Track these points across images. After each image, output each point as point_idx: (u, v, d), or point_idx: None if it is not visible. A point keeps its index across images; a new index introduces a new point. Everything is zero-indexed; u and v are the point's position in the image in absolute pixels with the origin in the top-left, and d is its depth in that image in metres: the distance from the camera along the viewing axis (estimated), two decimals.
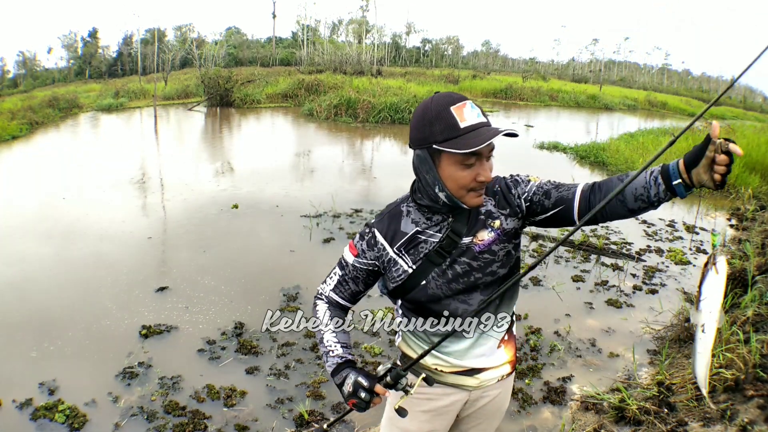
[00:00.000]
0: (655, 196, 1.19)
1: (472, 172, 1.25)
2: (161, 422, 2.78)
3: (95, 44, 47.34)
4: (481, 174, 1.25)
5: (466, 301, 1.38)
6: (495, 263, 1.36)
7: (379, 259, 1.39)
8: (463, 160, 1.24)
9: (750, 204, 7.81)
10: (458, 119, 1.22)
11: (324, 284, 1.52)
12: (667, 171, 1.17)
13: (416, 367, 1.47)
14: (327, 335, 1.43)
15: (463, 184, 1.26)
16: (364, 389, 1.26)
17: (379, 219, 1.41)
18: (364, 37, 47.10)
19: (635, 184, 1.20)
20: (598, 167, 10.70)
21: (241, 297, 4.26)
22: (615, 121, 21.50)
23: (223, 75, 20.30)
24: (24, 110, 15.66)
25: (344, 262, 1.45)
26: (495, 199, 1.38)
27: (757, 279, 3.99)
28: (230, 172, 9.05)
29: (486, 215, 1.36)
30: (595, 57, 61.46)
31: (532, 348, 3.64)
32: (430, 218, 1.36)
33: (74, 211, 6.52)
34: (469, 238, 1.35)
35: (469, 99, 1.27)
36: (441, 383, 1.46)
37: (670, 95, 40.76)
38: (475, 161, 1.25)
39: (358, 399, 1.26)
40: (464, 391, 1.48)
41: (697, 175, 1.11)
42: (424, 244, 1.35)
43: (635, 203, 1.22)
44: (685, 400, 2.81)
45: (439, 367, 1.44)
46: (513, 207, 1.37)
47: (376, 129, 14.77)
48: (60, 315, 3.90)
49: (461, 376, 1.44)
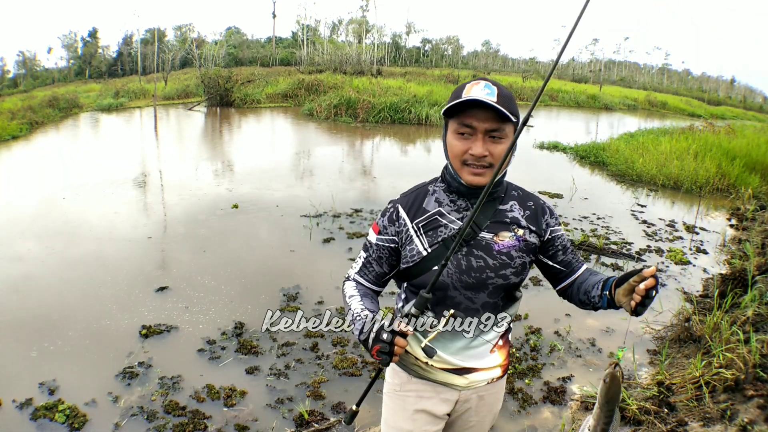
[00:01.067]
0: (594, 298, 1.35)
1: (464, 144, 1.32)
2: (161, 422, 2.78)
3: (95, 44, 47.35)
4: (473, 148, 1.30)
5: (471, 299, 1.38)
6: (510, 268, 1.38)
7: (398, 234, 1.41)
8: (457, 128, 1.32)
9: (750, 204, 7.81)
10: (465, 92, 1.29)
11: (351, 269, 1.53)
12: (606, 282, 1.31)
13: (407, 363, 1.49)
14: (354, 304, 1.40)
15: (456, 153, 1.33)
16: (386, 331, 1.22)
17: (404, 195, 1.46)
18: (364, 37, 47.10)
19: (590, 281, 1.39)
20: (598, 167, 10.70)
21: (241, 297, 4.26)
22: (615, 121, 21.50)
23: (223, 75, 20.31)
24: (24, 110, 15.66)
25: (368, 243, 1.47)
26: (526, 212, 1.43)
27: (757, 279, 3.99)
28: (230, 172, 9.05)
29: (512, 220, 1.41)
30: (595, 57, 61.49)
31: (532, 348, 3.64)
32: (455, 201, 1.39)
33: (74, 211, 6.51)
34: (490, 235, 1.38)
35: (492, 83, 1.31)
36: (431, 380, 1.47)
37: (670, 95, 40.79)
38: (468, 133, 1.31)
39: (381, 343, 1.21)
40: (454, 391, 1.48)
41: (617, 296, 1.23)
42: (443, 228, 1.37)
43: (583, 297, 1.40)
44: (685, 400, 2.81)
45: (431, 362, 1.44)
46: (539, 228, 1.43)
47: (376, 129, 14.76)
48: (60, 315, 3.90)
49: (451, 374, 1.45)
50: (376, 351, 1.23)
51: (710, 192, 8.73)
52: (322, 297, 4.27)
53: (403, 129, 15.02)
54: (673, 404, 2.80)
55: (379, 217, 1.47)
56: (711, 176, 8.91)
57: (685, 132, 12.94)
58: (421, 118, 15.97)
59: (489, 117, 1.28)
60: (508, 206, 1.42)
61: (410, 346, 1.47)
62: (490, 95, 1.27)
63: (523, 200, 1.44)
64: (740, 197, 8.22)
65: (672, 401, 2.82)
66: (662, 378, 3.06)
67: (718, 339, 3.26)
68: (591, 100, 27.89)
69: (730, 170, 9.06)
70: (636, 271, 1.18)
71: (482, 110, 1.28)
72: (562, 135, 14.44)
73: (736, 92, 65.55)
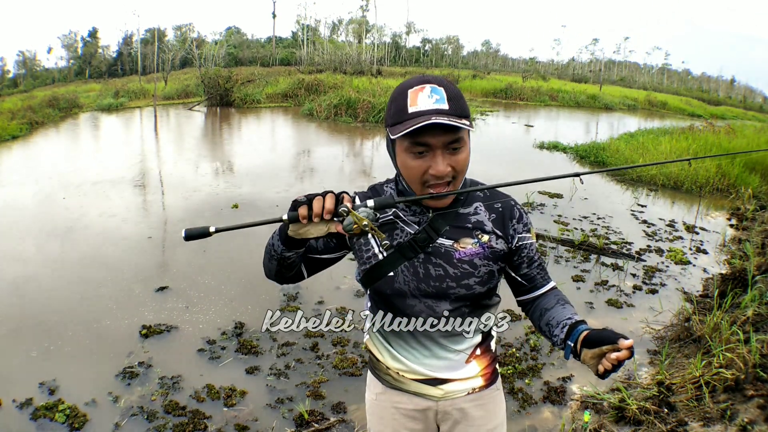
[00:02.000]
0: (556, 339, 1.22)
1: (423, 163, 1.16)
2: (161, 422, 2.78)
3: (95, 44, 47.36)
4: (433, 167, 1.15)
5: (432, 308, 1.29)
6: (473, 278, 1.27)
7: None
8: (410, 147, 1.15)
9: (750, 204, 7.81)
10: (409, 102, 1.14)
11: None
12: (573, 328, 1.17)
13: (380, 373, 1.44)
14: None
15: (414, 175, 1.18)
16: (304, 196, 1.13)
17: (362, 192, 1.37)
18: (364, 36, 47.11)
19: (555, 316, 1.24)
20: (598, 167, 10.70)
21: (241, 297, 4.26)
22: (615, 121, 21.50)
23: (223, 75, 20.30)
24: (24, 110, 15.65)
25: None
26: (492, 215, 1.30)
27: (757, 279, 3.99)
28: (230, 172, 9.05)
29: (475, 225, 1.28)
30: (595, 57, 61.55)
31: (532, 348, 3.64)
32: (410, 206, 1.28)
33: (74, 211, 6.51)
34: (450, 242, 1.26)
35: (437, 84, 1.15)
36: (404, 391, 1.41)
37: (670, 95, 40.78)
38: (424, 151, 1.15)
39: (294, 202, 1.14)
40: (430, 401, 1.40)
41: (584, 355, 1.11)
42: (399, 231, 1.27)
43: (545, 328, 1.27)
44: (685, 400, 2.81)
45: (401, 372, 1.38)
46: (506, 235, 1.30)
47: (376, 129, 14.76)
48: (60, 315, 3.90)
49: (423, 384, 1.37)
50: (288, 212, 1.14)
51: (710, 192, 8.73)
52: (322, 297, 4.27)
53: None
54: (673, 404, 2.80)
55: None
56: (711, 176, 8.91)
57: (685, 132, 12.93)
58: None
59: (445, 130, 1.13)
60: (471, 209, 1.29)
61: (378, 353, 1.41)
62: (440, 102, 1.12)
63: (490, 201, 1.30)
64: (740, 197, 8.22)
65: (672, 401, 2.82)
66: (662, 378, 3.06)
67: (718, 339, 3.26)
68: (591, 100, 27.87)
69: (730, 170, 9.06)
70: (610, 339, 1.06)
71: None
72: (562, 135, 14.44)
73: (736, 92, 65.55)
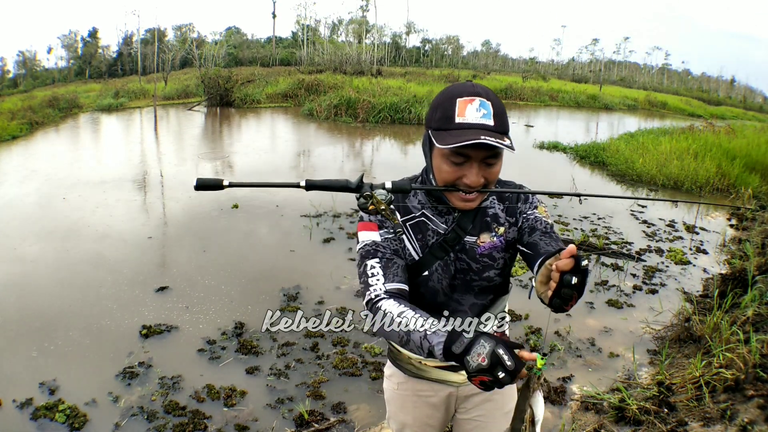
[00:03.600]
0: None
1: (457, 171, 1.18)
2: (161, 422, 2.78)
3: (95, 44, 47.36)
4: (467, 177, 1.17)
5: (459, 301, 1.36)
6: (493, 269, 1.33)
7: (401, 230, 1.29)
8: (448, 155, 1.17)
9: (750, 204, 7.81)
10: (457, 112, 1.15)
11: (369, 290, 1.20)
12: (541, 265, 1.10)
13: (402, 363, 1.48)
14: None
15: (446, 179, 1.20)
16: (505, 369, 0.91)
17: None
18: (364, 37, 47.11)
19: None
20: (598, 167, 10.70)
21: (241, 297, 4.26)
22: (615, 121, 21.50)
23: (223, 75, 20.30)
24: (24, 110, 15.65)
25: (371, 248, 1.24)
26: (504, 204, 1.34)
27: (757, 279, 3.99)
28: (230, 172, 9.05)
29: (492, 218, 1.33)
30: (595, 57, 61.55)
31: (532, 348, 3.64)
32: (436, 206, 1.31)
33: (74, 211, 6.52)
34: (473, 238, 1.31)
35: (486, 97, 1.16)
36: (426, 378, 1.46)
37: (670, 95, 40.77)
38: (463, 161, 1.17)
39: (493, 378, 0.91)
40: (451, 387, 1.47)
41: (536, 285, 1.02)
42: (431, 233, 1.31)
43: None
44: (685, 400, 2.81)
45: (424, 360, 1.43)
46: (516, 219, 1.33)
47: (376, 129, 14.76)
48: (60, 315, 3.90)
49: (445, 371, 1.43)
50: (480, 381, 0.93)
51: (710, 192, 8.73)
52: (322, 297, 4.27)
53: (403, 129, 15.01)
54: (673, 404, 2.80)
55: (367, 217, 1.29)
56: (711, 176, 8.91)
57: (685, 132, 12.93)
58: (421, 118, 15.96)
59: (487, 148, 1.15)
60: (488, 202, 1.34)
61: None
62: (486, 117, 1.13)
63: (501, 192, 1.34)
64: (740, 197, 8.22)
65: (672, 401, 2.82)
66: (662, 378, 3.06)
67: (718, 339, 3.26)
68: (591, 100, 27.87)
69: (730, 170, 9.05)
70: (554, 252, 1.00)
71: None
72: (562, 135, 14.44)
73: (736, 92, 65.55)
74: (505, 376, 0.90)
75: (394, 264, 1.23)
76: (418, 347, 1.06)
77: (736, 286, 4.08)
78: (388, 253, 1.24)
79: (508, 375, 0.90)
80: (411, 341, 1.07)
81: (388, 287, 1.19)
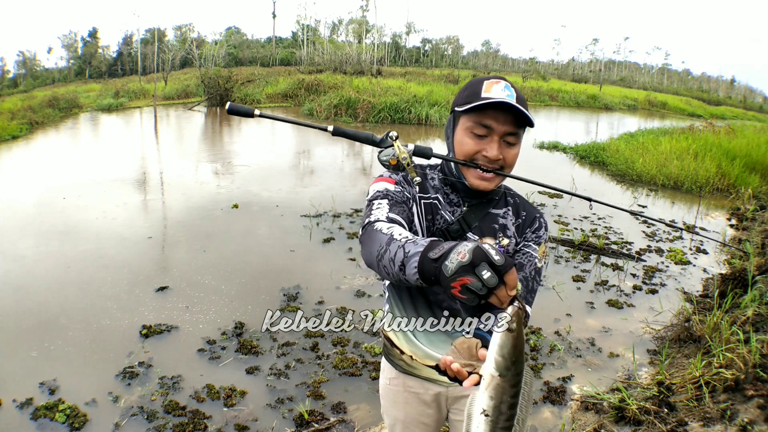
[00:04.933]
0: None
1: (478, 144, 1.25)
2: (161, 422, 2.78)
3: (95, 44, 47.37)
4: (488, 149, 1.24)
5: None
6: None
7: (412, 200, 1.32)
8: (472, 127, 1.24)
9: (750, 204, 7.81)
10: (484, 90, 1.23)
11: (370, 216, 1.19)
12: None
13: (394, 358, 1.49)
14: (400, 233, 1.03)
15: (467, 151, 1.26)
16: (492, 265, 0.78)
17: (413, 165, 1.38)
18: (364, 37, 47.12)
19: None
20: (598, 167, 10.70)
21: (241, 297, 4.26)
22: (615, 121, 21.50)
23: (223, 75, 20.32)
24: (24, 110, 15.65)
25: (382, 193, 1.27)
26: (517, 221, 1.37)
27: (757, 279, 3.99)
28: (230, 172, 9.05)
29: (501, 228, 1.35)
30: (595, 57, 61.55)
31: (532, 348, 3.64)
32: (448, 194, 1.35)
33: (74, 211, 6.51)
34: (476, 237, 1.33)
35: (512, 84, 1.26)
36: (416, 376, 1.47)
37: (670, 95, 40.82)
38: (485, 134, 1.24)
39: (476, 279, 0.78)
40: (441, 386, 1.47)
41: None
42: (439, 218, 1.33)
43: None
44: (685, 400, 2.81)
45: (415, 355, 1.44)
46: (519, 241, 1.37)
47: (376, 129, 14.76)
48: (60, 315, 3.90)
49: (435, 370, 1.43)
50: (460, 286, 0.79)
51: (710, 192, 8.73)
52: (322, 297, 4.27)
53: (404, 129, 15.02)
54: (673, 404, 2.80)
55: (390, 173, 1.32)
56: (711, 176, 8.91)
57: (685, 132, 12.94)
58: (421, 118, 15.98)
59: (508, 120, 1.23)
60: (501, 211, 1.37)
61: (396, 337, 1.46)
62: (511, 97, 1.21)
63: (518, 209, 1.39)
64: (740, 197, 8.22)
65: (672, 401, 2.82)
66: (662, 378, 3.06)
67: (718, 339, 3.26)
68: (591, 100, 27.90)
69: (730, 170, 9.06)
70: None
71: (502, 112, 1.22)
72: (562, 135, 14.44)
73: (736, 92, 65.58)
74: (491, 276, 0.77)
75: (401, 206, 1.25)
76: (391, 259, 0.97)
77: (736, 286, 4.08)
78: (398, 198, 1.27)
79: (494, 274, 0.77)
80: (388, 251, 0.99)
81: (390, 215, 1.19)
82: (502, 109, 1.21)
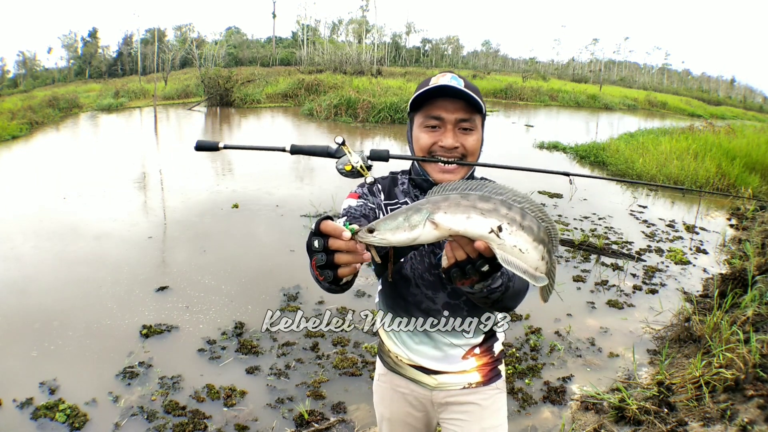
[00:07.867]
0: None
1: (433, 137, 1.26)
2: (161, 422, 2.78)
3: (95, 44, 47.37)
4: (442, 139, 1.25)
5: (432, 299, 1.36)
6: None
7: (375, 210, 1.35)
8: (424, 121, 1.26)
9: (750, 204, 7.81)
10: (431, 84, 1.26)
11: None
12: None
13: (383, 355, 1.51)
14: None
15: (423, 146, 1.27)
16: (314, 234, 0.93)
17: (381, 177, 1.44)
18: (364, 37, 47.14)
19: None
20: (598, 167, 10.71)
21: (241, 297, 4.26)
22: (615, 121, 21.51)
23: (223, 75, 20.31)
24: (24, 110, 15.65)
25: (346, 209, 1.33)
26: None
27: (757, 279, 3.99)
28: (230, 172, 9.05)
29: None
30: (595, 57, 61.57)
31: (532, 348, 3.64)
32: (417, 196, 1.36)
33: (74, 211, 6.52)
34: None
35: (459, 75, 1.29)
36: (402, 375, 1.47)
37: (670, 95, 40.81)
38: (438, 125, 1.25)
39: (315, 252, 0.93)
40: (426, 389, 1.45)
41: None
42: None
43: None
44: (685, 400, 2.81)
45: (400, 356, 1.44)
46: None
47: (376, 129, 14.76)
48: (60, 314, 3.90)
49: (420, 372, 1.43)
50: (314, 265, 0.93)
51: (710, 191, 8.73)
52: (322, 297, 4.27)
53: (403, 129, 15.01)
54: (673, 404, 2.80)
55: (357, 187, 1.40)
56: (711, 176, 8.91)
57: (685, 132, 12.94)
58: None
59: (458, 107, 1.24)
60: None
61: (386, 336, 1.47)
62: (458, 84, 1.24)
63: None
64: (740, 197, 8.22)
65: (672, 401, 2.82)
66: (662, 378, 3.06)
67: (718, 339, 3.26)
68: (591, 100, 27.89)
69: (730, 170, 9.06)
70: None
71: (451, 101, 1.24)
72: (562, 135, 14.43)
73: (736, 92, 65.60)
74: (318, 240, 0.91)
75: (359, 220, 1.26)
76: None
77: (736, 286, 4.08)
78: (358, 212, 1.29)
79: (320, 237, 0.91)
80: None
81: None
82: (450, 96, 1.23)
